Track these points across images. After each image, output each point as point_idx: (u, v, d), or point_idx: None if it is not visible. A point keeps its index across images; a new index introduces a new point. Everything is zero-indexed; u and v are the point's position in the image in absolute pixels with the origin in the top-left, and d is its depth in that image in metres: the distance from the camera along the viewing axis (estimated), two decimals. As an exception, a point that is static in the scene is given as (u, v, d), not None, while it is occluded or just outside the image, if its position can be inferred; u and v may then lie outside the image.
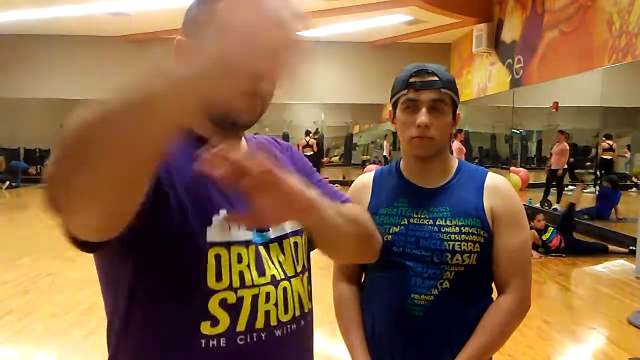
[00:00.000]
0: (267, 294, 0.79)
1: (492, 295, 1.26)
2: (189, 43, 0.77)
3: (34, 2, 8.45)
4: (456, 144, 8.82)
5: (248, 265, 0.78)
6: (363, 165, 14.75)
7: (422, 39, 10.64)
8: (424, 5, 7.73)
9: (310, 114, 15.47)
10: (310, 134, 13.09)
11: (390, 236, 1.21)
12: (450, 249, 1.16)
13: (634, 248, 5.24)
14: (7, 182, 11.97)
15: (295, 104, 13.69)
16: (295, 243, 0.88)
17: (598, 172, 9.66)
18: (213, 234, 0.75)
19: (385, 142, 13.25)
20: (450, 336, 1.18)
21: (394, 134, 14.71)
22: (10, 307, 3.83)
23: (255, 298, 0.78)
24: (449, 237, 1.16)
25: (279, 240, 0.84)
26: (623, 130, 10.21)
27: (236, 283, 0.76)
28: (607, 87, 7.99)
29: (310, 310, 0.90)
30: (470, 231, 1.17)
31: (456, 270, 1.17)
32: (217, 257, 0.75)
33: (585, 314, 3.97)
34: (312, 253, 0.95)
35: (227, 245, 0.76)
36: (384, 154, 13.27)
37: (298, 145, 13.04)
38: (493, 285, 1.25)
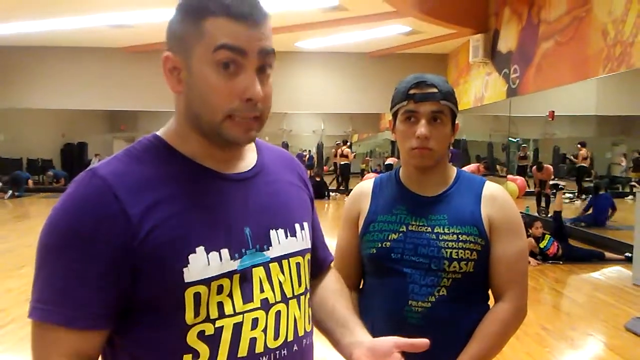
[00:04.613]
0: (255, 320, 0.78)
1: (489, 303, 1.26)
2: (176, 59, 0.77)
3: (36, 14, 8.52)
4: (473, 167, 8.80)
5: (230, 295, 0.77)
6: (362, 173, 14.79)
7: (419, 49, 10.74)
8: (421, 17, 7.81)
9: (310, 124, 15.55)
10: (348, 143, 13.21)
11: (388, 243, 1.22)
12: (448, 256, 1.17)
13: (630, 255, 5.27)
14: (10, 192, 11.98)
15: (294, 114, 13.76)
16: (298, 264, 0.87)
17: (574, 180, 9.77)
18: (191, 274, 0.73)
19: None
20: (447, 343, 1.18)
21: (393, 143, 14.77)
22: (12, 315, 3.84)
23: (237, 326, 0.77)
24: (447, 244, 1.17)
25: (279, 260, 0.83)
26: (618, 139, 10.29)
27: (214, 314, 0.75)
28: (602, 96, 8.06)
29: (308, 333, 0.88)
30: (468, 239, 1.18)
31: (453, 277, 1.18)
32: (197, 295, 0.74)
33: (582, 321, 3.98)
34: None
35: (207, 281, 0.74)
36: (389, 162, 13.28)
37: (335, 154, 13.16)
38: (490, 292, 1.26)
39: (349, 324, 0.90)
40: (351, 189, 1.57)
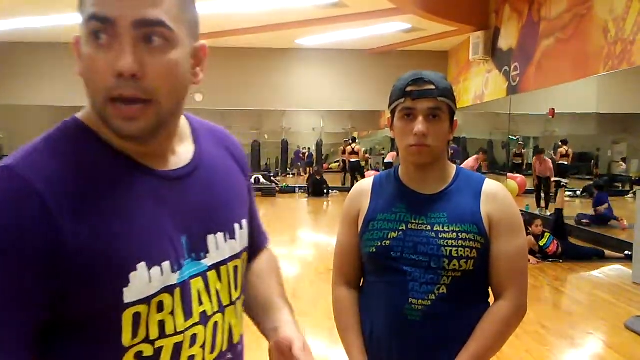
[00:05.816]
0: (194, 336, 0.73)
1: (489, 301, 1.26)
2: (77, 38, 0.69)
3: (36, 10, 8.50)
4: (470, 162, 8.42)
5: (172, 312, 0.70)
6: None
7: (420, 46, 10.72)
8: (422, 14, 7.80)
9: (310, 121, 15.53)
10: (357, 141, 13.25)
11: (388, 241, 1.21)
12: (448, 254, 1.17)
13: (630, 253, 5.27)
14: None
15: (294, 111, 13.75)
16: (235, 267, 0.82)
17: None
18: (131, 294, 0.65)
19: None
20: (447, 341, 1.18)
21: (393, 140, 14.77)
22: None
23: (177, 345, 0.71)
24: (446, 242, 1.17)
25: (217, 267, 0.78)
26: (619, 137, 10.29)
27: (154, 334, 0.68)
28: (602, 94, 8.06)
29: (241, 338, 0.84)
30: (467, 237, 1.17)
31: (453, 275, 1.17)
32: (136, 315, 0.66)
33: (582, 319, 3.98)
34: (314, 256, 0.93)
35: (148, 300, 0.67)
36: (389, 160, 13.31)
37: (344, 151, 13.17)
38: (489, 290, 1.26)
39: (268, 309, 0.87)
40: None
